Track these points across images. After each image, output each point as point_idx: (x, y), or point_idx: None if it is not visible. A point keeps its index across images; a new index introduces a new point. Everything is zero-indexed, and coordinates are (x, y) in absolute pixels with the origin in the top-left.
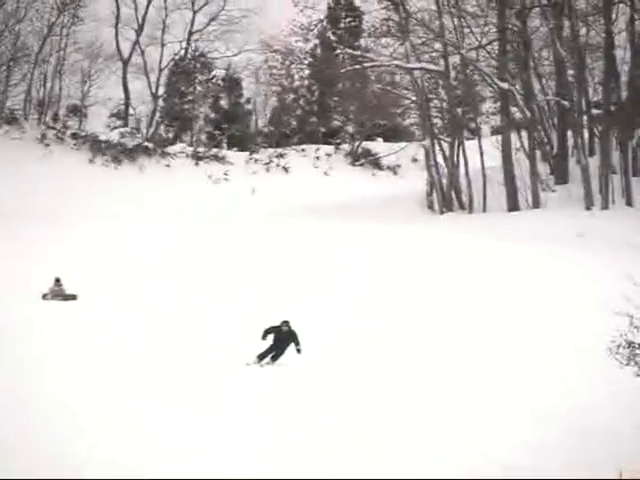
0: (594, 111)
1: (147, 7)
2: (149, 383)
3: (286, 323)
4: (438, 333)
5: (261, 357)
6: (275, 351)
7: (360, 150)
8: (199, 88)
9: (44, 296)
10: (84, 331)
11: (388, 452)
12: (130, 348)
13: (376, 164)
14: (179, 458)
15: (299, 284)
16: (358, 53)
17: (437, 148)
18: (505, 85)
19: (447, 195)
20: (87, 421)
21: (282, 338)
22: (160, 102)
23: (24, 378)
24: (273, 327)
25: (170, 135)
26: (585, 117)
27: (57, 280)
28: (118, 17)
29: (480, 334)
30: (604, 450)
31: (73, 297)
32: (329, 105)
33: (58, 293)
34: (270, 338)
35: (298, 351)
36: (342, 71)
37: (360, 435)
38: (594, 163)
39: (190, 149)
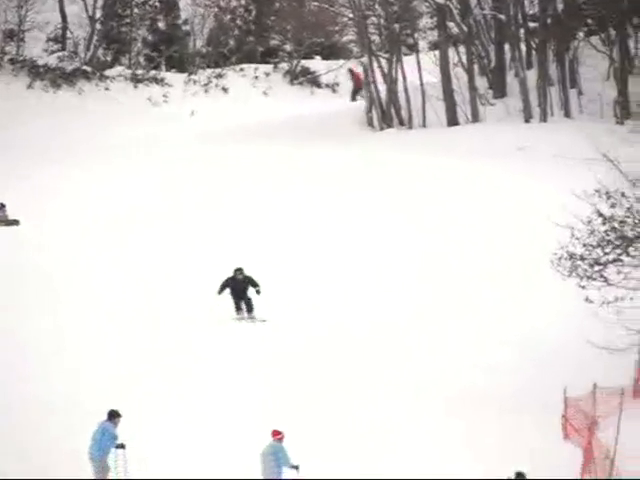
0: (531, 24)
1: None
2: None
3: (239, 271)
4: (378, 259)
5: (237, 310)
6: (241, 300)
7: (299, 69)
8: (136, 10)
9: None
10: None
11: (369, 393)
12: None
13: (315, 82)
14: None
15: (238, 219)
16: None
17: (375, 65)
18: (441, 0)
19: (387, 111)
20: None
21: (239, 287)
22: (97, 25)
23: None
24: (228, 279)
25: (108, 58)
26: (522, 30)
27: (1, 205)
28: None
29: (430, 256)
30: (555, 368)
31: (16, 222)
32: (266, 24)
33: (1, 219)
34: (227, 292)
35: (257, 292)
36: None
37: (335, 377)
38: (532, 76)
39: (129, 72)
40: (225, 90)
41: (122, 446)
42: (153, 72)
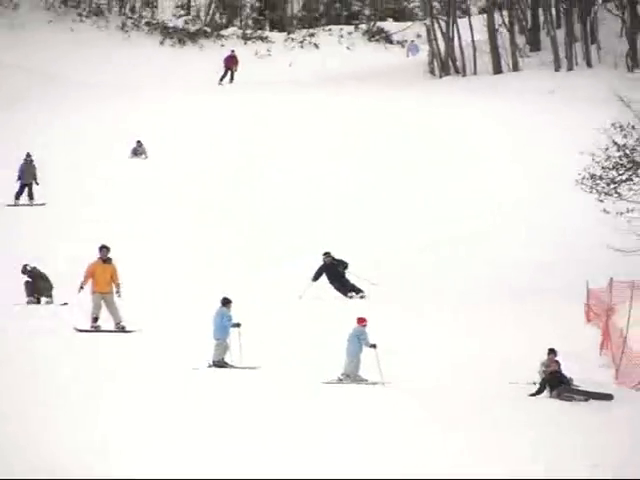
0: None
1: None
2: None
3: (327, 254)
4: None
5: (349, 290)
6: (339, 284)
7: (375, 29)
8: None
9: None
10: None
11: None
12: None
13: (388, 39)
14: None
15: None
16: None
17: (436, 26)
18: None
19: (445, 62)
20: None
21: (332, 271)
22: None
23: None
24: (319, 268)
25: (223, 21)
26: None
27: (139, 143)
28: None
29: (475, 177)
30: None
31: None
32: None
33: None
34: (324, 278)
35: (345, 268)
36: None
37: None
38: (560, 34)
39: (239, 32)
40: (316, 46)
41: (238, 325)
42: (259, 32)
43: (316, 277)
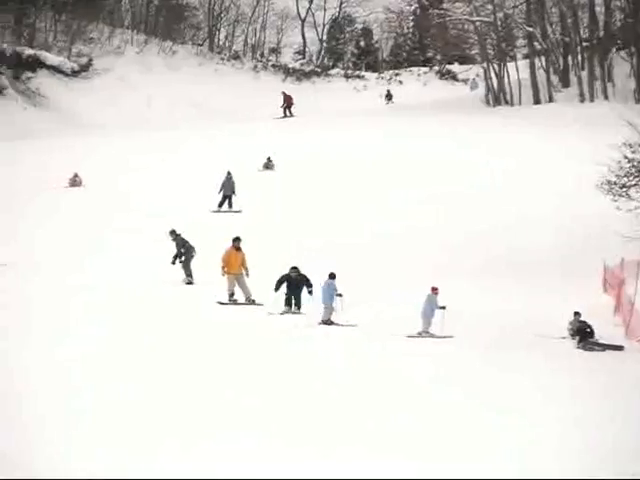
0: (584, 43)
1: None
2: None
3: (294, 269)
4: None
5: (287, 304)
6: (292, 298)
7: (444, 70)
8: (347, 35)
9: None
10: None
11: None
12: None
13: (454, 78)
14: None
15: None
16: (442, 12)
17: (491, 68)
18: (530, 28)
19: (498, 95)
20: None
21: (293, 284)
22: (324, 44)
23: None
24: (283, 276)
25: (330, 63)
26: (578, 47)
27: (269, 158)
28: None
29: (521, 178)
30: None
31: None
32: (425, 43)
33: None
34: (284, 287)
35: (309, 293)
36: (433, 23)
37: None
38: (585, 74)
39: (342, 72)
40: (400, 82)
41: (340, 295)
42: (357, 72)
43: (277, 287)
